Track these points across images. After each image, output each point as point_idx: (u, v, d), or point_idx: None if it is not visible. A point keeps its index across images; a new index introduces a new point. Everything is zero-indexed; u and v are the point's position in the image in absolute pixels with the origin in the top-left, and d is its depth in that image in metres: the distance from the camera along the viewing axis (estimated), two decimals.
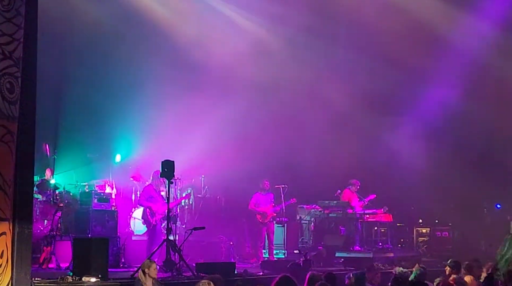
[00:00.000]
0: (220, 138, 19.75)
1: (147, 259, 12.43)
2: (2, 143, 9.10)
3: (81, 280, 11.75)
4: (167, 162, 14.43)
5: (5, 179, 9.11)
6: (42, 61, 10.16)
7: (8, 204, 9.17)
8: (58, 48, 18.68)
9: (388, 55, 20.06)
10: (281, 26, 20.60)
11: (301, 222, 20.30)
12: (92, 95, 19.36)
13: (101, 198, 16.43)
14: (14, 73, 9.30)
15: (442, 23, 19.65)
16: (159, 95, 19.56)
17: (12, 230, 9.29)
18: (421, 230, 20.70)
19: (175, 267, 13.63)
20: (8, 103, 9.18)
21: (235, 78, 20.31)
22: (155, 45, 19.81)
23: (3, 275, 9.07)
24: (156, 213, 15.80)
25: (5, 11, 9.23)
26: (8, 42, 9.25)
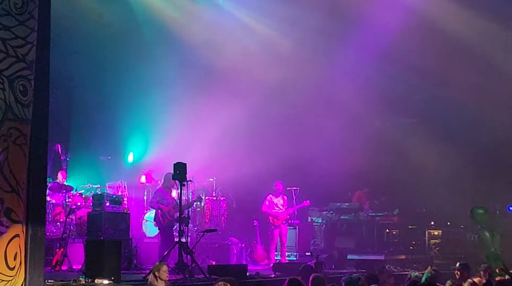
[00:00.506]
0: (231, 140, 19.78)
1: (158, 261, 12.46)
2: (15, 145, 9.14)
3: (93, 282, 11.78)
4: (179, 164, 14.45)
5: (18, 181, 9.15)
6: (53, 64, 10.20)
7: (22, 206, 9.21)
8: (70, 50, 18.73)
9: (400, 56, 20.02)
10: (292, 28, 20.57)
11: (313, 224, 20.30)
12: (104, 97, 19.42)
13: (114, 200, 16.45)
14: (27, 76, 9.34)
15: (456, 25, 19.58)
16: (171, 98, 19.61)
17: (26, 232, 9.33)
18: (433, 232, 20.59)
19: (187, 269, 13.64)
20: (21, 106, 9.22)
21: (247, 80, 20.31)
22: (167, 46, 19.84)
23: (17, 277, 9.10)
24: (168, 215, 15.82)
25: (18, 14, 9.27)
26: (21, 45, 9.29)
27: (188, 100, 19.55)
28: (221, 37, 20.24)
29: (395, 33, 19.72)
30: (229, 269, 14.09)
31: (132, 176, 19.28)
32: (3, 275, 8.89)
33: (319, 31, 20.17)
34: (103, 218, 15.80)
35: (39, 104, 9.65)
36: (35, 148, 9.56)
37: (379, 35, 20.04)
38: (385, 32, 19.87)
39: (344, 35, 20.44)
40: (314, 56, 20.66)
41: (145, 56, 19.54)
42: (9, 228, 9.02)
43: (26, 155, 9.33)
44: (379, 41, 20.18)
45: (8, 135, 9.05)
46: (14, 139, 9.12)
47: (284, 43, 20.82)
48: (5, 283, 8.92)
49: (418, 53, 19.75)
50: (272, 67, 20.41)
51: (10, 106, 9.09)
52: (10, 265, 8.99)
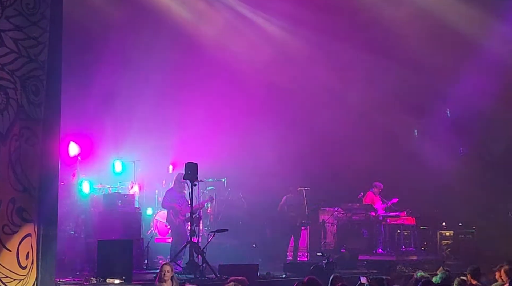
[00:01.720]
0: (243, 141, 19.78)
1: (172, 260, 12.51)
2: (27, 145, 9.19)
3: (105, 282, 11.84)
4: (191, 164, 14.47)
5: (30, 180, 9.20)
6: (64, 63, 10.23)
7: (33, 205, 9.26)
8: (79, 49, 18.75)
9: (412, 56, 19.96)
10: (302, 29, 20.56)
11: (324, 225, 20.27)
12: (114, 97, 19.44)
13: (125, 200, 16.48)
14: (39, 76, 9.40)
15: (467, 25, 19.51)
16: (181, 99, 19.65)
17: (37, 232, 9.37)
18: (445, 233, 20.52)
19: (198, 269, 13.66)
20: (33, 106, 9.28)
21: (258, 81, 20.29)
22: (176, 47, 19.79)
23: (29, 276, 9.15)
24: (179, 213, 15.83)
25: (30, 15, 9.32)
26: (33, 46, 9.34)
27: (199, 102, 19.56)
28: (232, 38, 20.21)
29: (407, 33, 19.66)
30: (240, 268, 14.09)
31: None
32: (15, 274, 8.94)
33: (327, 31, 20.15)
34: (114, 218, 15.85)
35: (51, 104, 9.69)
36: (47, 147, 9.60)
37: (390, 35, 19.99)
38: (397, 32, 19.82)
39: (354, 35, 20.40)
40: (322, 55, 20.62)
41: (154, 57, 19.49)
42: (21, 227, 9.07)
43: (38, 154, 9.38)
44: (391, 41, 20.12)
45: (20, 135, 9.10)
46: (26, 139, 9.18)
47: (294, 44, 20.78)
48: (17, 282, 8.97)
49: (430, 53, 19.68)
50: (283, 68, 20.38)
51: (22, 106, 9.15)
52: (22, 264, 9.04)
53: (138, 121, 19.39)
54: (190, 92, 19.84)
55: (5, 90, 8.99)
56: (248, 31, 20.47)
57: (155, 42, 19.44)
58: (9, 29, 9.10)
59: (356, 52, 20.41)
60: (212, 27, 20.16)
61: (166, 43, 19.49)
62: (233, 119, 20.37)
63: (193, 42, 19.88)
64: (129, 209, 16.48)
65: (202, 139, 19.58)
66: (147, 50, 19.34)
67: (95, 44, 18.77)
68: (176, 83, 19.82)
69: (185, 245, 14.45)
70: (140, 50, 19.34)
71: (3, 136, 8.93)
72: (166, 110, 19.71)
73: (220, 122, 20.27)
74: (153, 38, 19.42)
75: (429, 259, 18.53)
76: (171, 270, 11.30)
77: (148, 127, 19.44)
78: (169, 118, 19.76)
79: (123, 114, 19.38)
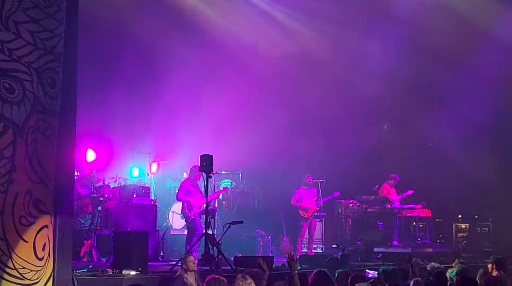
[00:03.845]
0: (258, 133, 19.79)
1: (188, 252, 12.54)
2: (43, 136, 9.22)
3: (121, 273, 11.87)
4: (206, 156, 14.46)
5: (46, 172, 9.23)
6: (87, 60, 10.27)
7: (50, 197, 9.29)
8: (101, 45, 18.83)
9: (429, 48, 19.92)
10: (314, 19, 20.53)
11: (339, 217, 20.27)
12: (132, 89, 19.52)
13: (141, 192, 16.54)
14: (55, 68, 9.41)
15: (483, 16, 19.42)
16: (198, 93, 19.72)
17: (54, 223, 9.41)
18: (461, 225, 20.48)
19: (213, 261, 13.68)
20: (49, 98, 9.30)
21: (274, 74, 20.33)
22: (191, 40, 19.82)
23: (45, 267, 9.20)
24: (194, 207, 15.87)
25: (46, 7, 9.34)
26: (49, 38, 9.36)
27: (215, 95, 19.60)
28: (250, 32, 20.21)
29: (423, 25, 19.61)
30: (255, 261, 14.08)
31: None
32: (32, 265, 8.99)
33: (340, 21, 20.11)
34: (130, 210, 15.92)
35: (67, 96, 9.71)
36: (63, 139, 9.63)
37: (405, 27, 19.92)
38: (412, 23, 19.75)
39: (367, 25, 20.35)
40: (335, 47, 20.58)
41: (170, 52, 19.55)
42: (38, 218, 9.10)
43: (54, 146, 9.41)
44: (406, 32, 20.05)
45: (36, 127, 9.13)
46: (43, 131, 9.20)
47: (308, 36, 20.76)
48: (34, 273, 9.02)
49: (447, 45, 19.61)
50: (298, 61, 20.40)
51: (38, 98, 9.17)
52: (39, 255, 9.08)
53: (157, 115, 19.56)
54: (208, 86, 19.88)
55: (21, 82, 9.02)
56: (261, 22, 20.46)
57: (175, 37, 19.50)
58: (26, 21, 9.13)
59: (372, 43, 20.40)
60: (228, 21, 20.18)
61: (186, 38, 19.56)
62: (248, 112, 20.39)
63: (210, 36, 19.91)
64: (145, 200, 16.54)
65: (217, 132, 19.61)
66: (168, 45, 19.40)
67: (117, 40, 18.88)
68: (195, 78, 19.87)
69: (200, 236, 14.48)
70: (160, 45, 19.41)
71: (20, 128, 8.96)
72: (186, 105, 19.80)
73: (236, 115, 20.30)
74: (173, 33, 19.47)
75: (444, 252, 18.47)
76: (194, 261, 11.35)
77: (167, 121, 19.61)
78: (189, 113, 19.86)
79: (142, 109, 19.51)
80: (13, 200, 8.83)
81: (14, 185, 8.87)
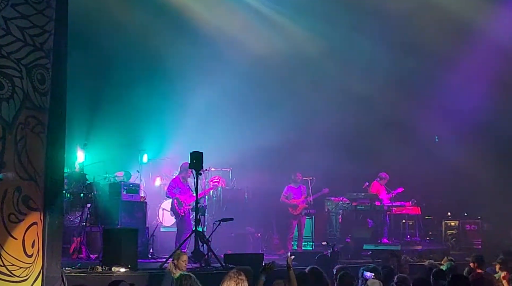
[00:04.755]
0: (248, 130, 19.79)
1: (178, 250, 12.51)
2: (33, 133, 9.20)
3: (110, 270, 11.84)
4: (196, 153, 14.45)
5: (36, 169, 9.21)
6: (78, 57, 10.25)
7: (39, 194, 9.28)
8: (95, 45, 18.79)
9: (420, 45, 19.97)
10: (303, 16, 20.55)
11: (329, 214, 20.29)
12: (123, 87, 19.51)
13: (130, 189, 16.52)
14: (45, 64, 9.40)
15: (473, 13, 19.48)
16: (188, 90, 19.70)
17: (43, 220, 9.40)
18: (450, 223, 20.53)
19: (203, 258, 13.68)
20: (39, 95, 9.28)
21: (265, 73, 20.34)
22: (183, 39, 19.81)
23: (35, 264, 9.18)
24: (184, 204, 15.87)
25: (36, 3, 9.32)
26: (39, 34, 9.34)
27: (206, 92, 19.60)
28: (239, 29, 20.21)
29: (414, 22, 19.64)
30: (245, 258, 14.10)
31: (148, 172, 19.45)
32: (21, 262, 8.97)
33: (330, 18, 20.14)
34: (120, 207, 15.89)
35: (57, 92, 9.70)
36: (53, 136, 9.62)
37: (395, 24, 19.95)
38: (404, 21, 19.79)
39: (356, 22, 20.38)
40: (325, 44, 20.61)
41: (162, 51, 19.54)
42: (27, 215, 9.09)
43: (44, 143, 9.40)
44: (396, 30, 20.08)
45: (26, 124, 9.11)
46: (32, 128, 9.18)
47: (297, 33, 20.78)
48: (23, 270, 9.00)
49: (436, 41, 19.68)
50: (287, 58, 20.41)
51: (28, 95, 9.15)
52: (28, 252, 9.06)
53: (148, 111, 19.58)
54: (198, 82, 19.87)
55: (11, 78, 9.00)
56: (248, 17, 20.46)
57: (164, 34, 19.50)
58: (15, 17, 9.10)
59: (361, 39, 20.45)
60: (218, 18, 20.18)
61: (174, 34, 19.57)
62: (239, 109, 20.40)
63: (198, 33, 19.91)
64: (135, 198, 16.51)
65: (207, 129, 19.62)
66: (157, 40, 19.40)
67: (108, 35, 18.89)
68: (185, 74, 19.86)
69: (190, 234, 14.47)
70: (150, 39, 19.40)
71: (9, 125, 8.94)
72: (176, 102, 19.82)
73: (226, 113, 20.31)
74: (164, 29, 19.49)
75: (434, 249, 18.54)
76: (186, 261, 11.33)
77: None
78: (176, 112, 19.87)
79: (132, 105, 19.53)
80: (2, 197, 8.82)
81: (3, 182, 8.85)
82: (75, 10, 10.30)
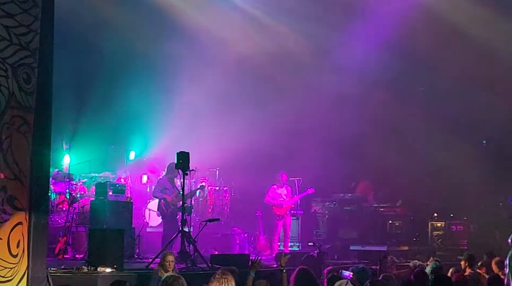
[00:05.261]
0: (235, 131, 19.77)
1: (163, 250, 12.50)
2: (18, 133, 9.14)
3: (96, 271, 11.80)
4: (182, 153, 14.44)
5: (21, 169, 9.16)
6: (64, 57, 10.20)
7: (25, 194, 9.22)
8: (80, 44, 18.73)
9: (401, 44, 20.02)
10: (290, 16, 20.57)
11: (316, 215, 20.30)
12: (109, 87, 19.47)
13: (117, 189, 16.47)
14: (30, 63, 9.34)
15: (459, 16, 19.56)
16: (176, 88, 19.66)
17: (29, 220, 9.34)
18: (436, 224, 20.57)
19: (190, 258, 13.66)
20: (24, 94, 9.22)
21: (250, 70, 20.31)
22: (172, 37, 19.78)
23: (20, 264, 9.12)
24: (171, 204, 15.84)
25: (22, 2, 9.26)
26: (24, 33, 9.28)
27: (192, 91, 19.56)
28: (224, 28, 20.20)
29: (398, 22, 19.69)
30: (231, 258, 14.10)
31: (135, 171, 19.38)
32: (6, 262, 8.91)
33: (317, 19, 20.16)
34: (106, 207, 15.84)
35: (43, 92, 9.64)
36: (39, 136, 9.56)
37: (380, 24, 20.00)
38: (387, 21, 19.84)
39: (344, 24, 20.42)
40: (312, 45, 20.63)
41: (150, 50, 19.50)
42: (12, 215, 9.03)
43: (30, 143, 9.34)
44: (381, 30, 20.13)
45: (11, 123, 9.05)
46: (18, 127, 9.13)
47: (283, 31, 20.79)
48: (8, 270, 8.94)
49: (419, 40, 19.72)
50: (276, 59, 20.42)
51: (13, 94, 9.09)
52: (13, 252, 9.01)
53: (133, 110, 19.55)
54: (184, 81, 19.85)
55: None
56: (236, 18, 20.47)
57: (150, 33, 19.47)
58: (1, 16, 9.04)
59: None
60: (204, 17, 20.17)
61: (161, 34, 19.54)
62: (225, 109, 20.38)
63: (185, 33, 19.89)
64: (121, 198, 16.47)
65: (194, 129, 19.59)
66: (144, 39, 19.37)
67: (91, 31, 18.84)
68: (170, 73, 19.83)
69: (177, 234, 14.44)
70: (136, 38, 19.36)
71: None
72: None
73: (213, 113, 20.30)
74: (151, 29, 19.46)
75: (420, 250, 18.58)
76: (174, 260, 11.29)
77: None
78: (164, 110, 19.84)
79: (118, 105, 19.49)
80: None
81: None
82: (60, 9, 10.22)
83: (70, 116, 18.70)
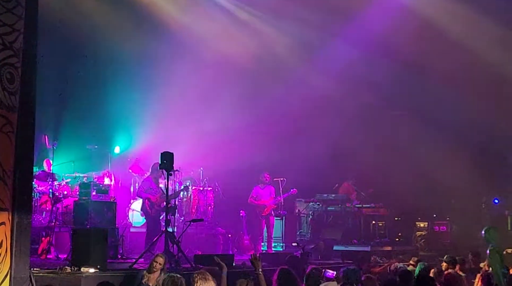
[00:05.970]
0: (219, 130, 19.77)
1: (147, 250, 12.47)
2: (1, 133, 9.10)
3: (79, 271, 11.76)
4: (167, 154, 14.43)
5: (4, 169, 9.12)
6: (45, 56, 10.17)
7: (8, 194, 9.19)
8: (61, 43, 18.67)
9: (389, 49, 20.07)
10: (276, 18, 20.60)
11: (300, 215, 20.34)
12: (92, 87, 19.43)
13: (100, 189, 16.44)
14: (14, 63, 9.30)
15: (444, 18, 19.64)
16: (159, 88, 19.62)
17: (12, 220, 9.30)
18: (419, 224, 20.69)
19: (173, 258, 13.64)
20: (8, 94, 9.18)
21: (233, 71, 20.31)
22: (153, 36, 19.77)
23: (2, 264, 9.08)
24: (155, 204, 15.82)
25: (5, 1, 9.22)
26: (8, 33, 9.24)
27: (176, 91, 19.53)
28: (209, 28, 20.20)
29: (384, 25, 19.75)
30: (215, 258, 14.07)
31: (119, 165, 19.29)
32: None
33: (302, 21, 20.20)
34: (89, 207, 15.79)
35: (26, 92, 9.61)
36: (22, 136, 9.53)
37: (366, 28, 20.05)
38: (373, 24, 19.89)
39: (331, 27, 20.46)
40: (296, 46, 20.67)
41: (134, 48, 19.46)
42: None
43: (13, 142, 9.30)
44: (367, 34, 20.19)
45: None
46: (1, 127, 9.08)
47: (271, 34, 20.82)
48: None
49: (406, 45, 19.78)
50: (259, 57, 20.44)
51: None
52: None
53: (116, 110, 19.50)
54: (168, 81, 19.83)
55: None
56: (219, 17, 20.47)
57: (133, 32, 19.43)
58: None
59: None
60: (187, 16, 20.16)
61: (143, 33, 19.50)
62: (208, 109, 20.37)
63: (168, 32, 19.87)
64: (104, 198, 16.43)
65: (179, 129, 19.58)
66: (126, 38, 19.33)
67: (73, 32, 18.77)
68: (154, 73, 19.81)
69: (160, 234, 14.42)
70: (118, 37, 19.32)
71: None
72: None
73: (196, 113, 20.29)
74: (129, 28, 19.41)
75: (403, 250, 18.66)
76: (163, 262, 11.25)
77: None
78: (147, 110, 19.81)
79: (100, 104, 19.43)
80: None
81: None
82: (43, 5, 10.18)
83: (53, 116, 18.62)
